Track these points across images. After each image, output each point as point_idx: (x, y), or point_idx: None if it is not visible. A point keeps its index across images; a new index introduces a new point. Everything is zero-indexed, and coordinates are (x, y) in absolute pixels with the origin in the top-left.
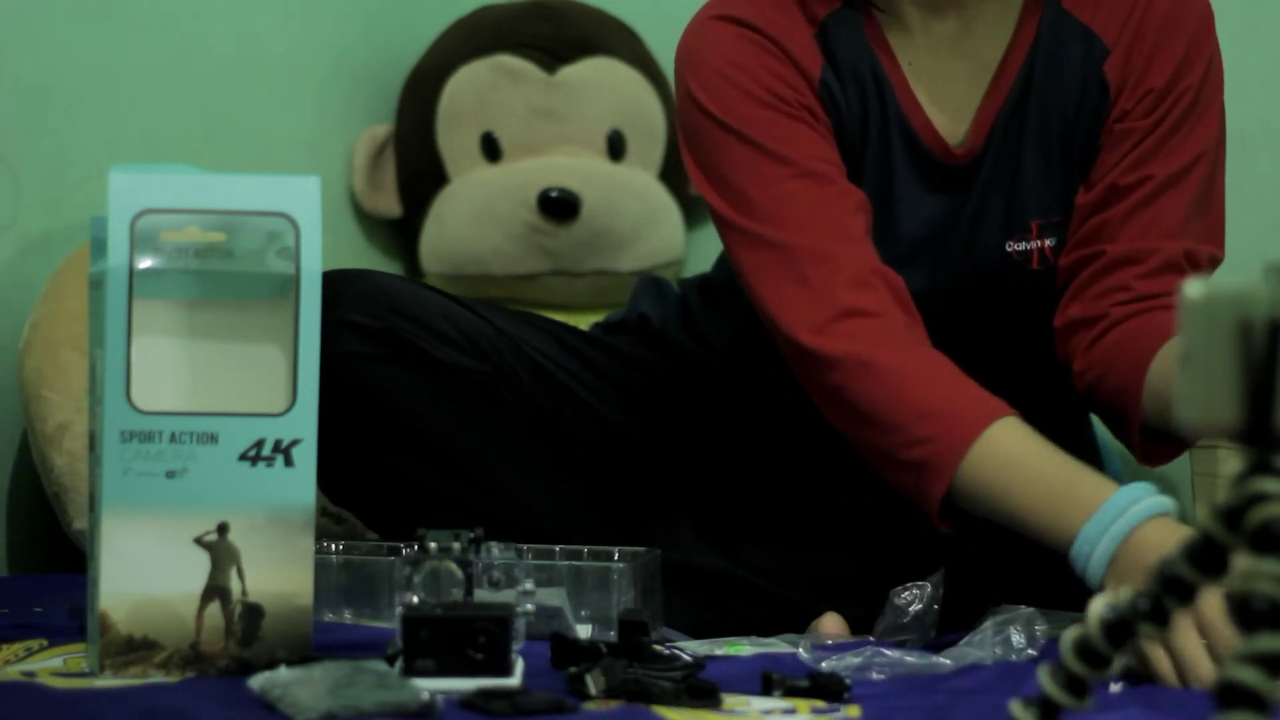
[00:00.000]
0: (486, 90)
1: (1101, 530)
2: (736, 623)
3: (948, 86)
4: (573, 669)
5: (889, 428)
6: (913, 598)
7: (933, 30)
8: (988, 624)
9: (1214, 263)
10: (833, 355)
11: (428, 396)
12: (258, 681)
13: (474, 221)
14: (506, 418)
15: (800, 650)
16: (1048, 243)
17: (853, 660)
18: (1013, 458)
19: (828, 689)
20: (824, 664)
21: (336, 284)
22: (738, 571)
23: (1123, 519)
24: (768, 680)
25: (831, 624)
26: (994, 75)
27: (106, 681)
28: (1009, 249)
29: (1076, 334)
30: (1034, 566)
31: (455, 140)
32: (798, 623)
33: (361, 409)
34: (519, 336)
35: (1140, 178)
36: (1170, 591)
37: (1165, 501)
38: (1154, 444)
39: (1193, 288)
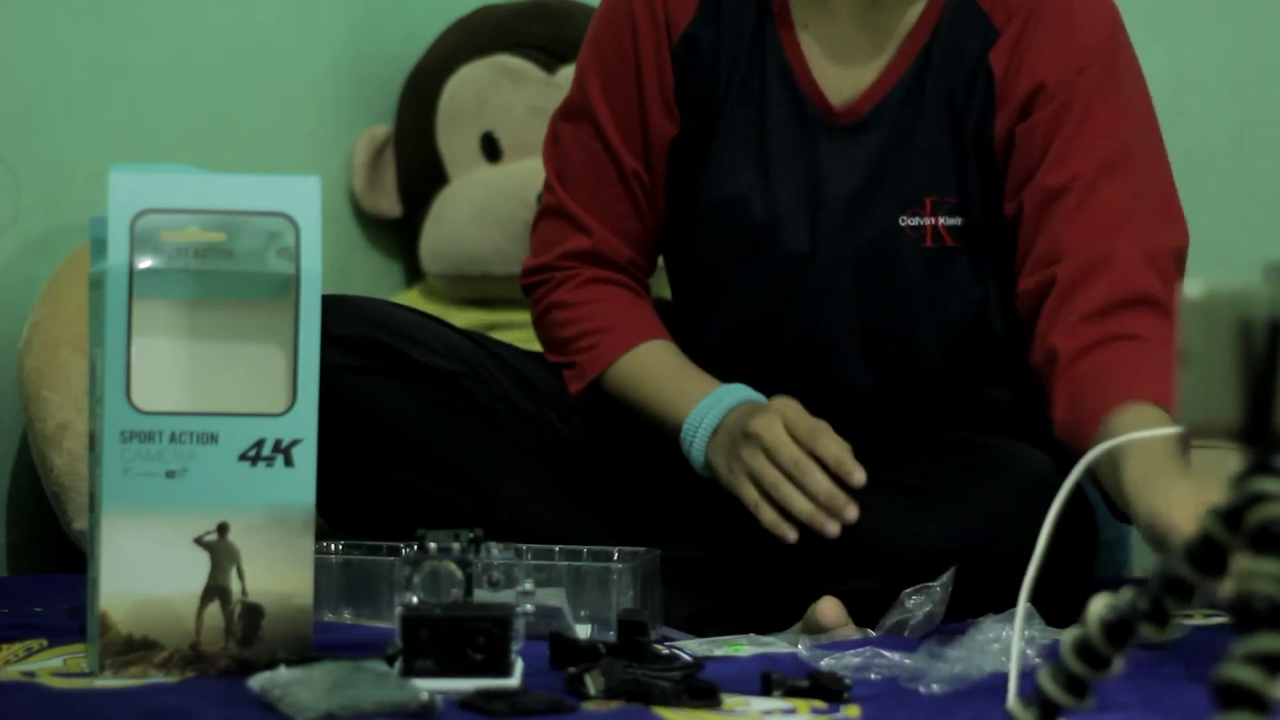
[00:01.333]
0: (486, 90)
1: (703, 414)
2: (728, 614)
3: (845, 53)
4: (572, 669)
5: (563, 342)
6: (922, 599)
7: None
8: (987, 624)
9: (1178, 255)
10: (537, 295)
11: (411, 401)
12: (258, 681)
13: (474, 221)
14: (488, 418)
15: (800, 648)
16: (943, 221)
17: (852, 660)
18: (648, 365)
19: (827, 689)
20: (824, 663)
21: None
22: (727, 563)
23: (720, 404)
24: (767, 680)
25: (829, 608)
26: (895, 51)
27: (106, 681)
28: (902, 223)
29: (1043, 373)
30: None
31: (455, 140)
32: (789, 613)
33: (350, 422)
34: (494, 345)
35: (1068, 178)
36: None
37: (753, 393)
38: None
39: (1192, 287)
